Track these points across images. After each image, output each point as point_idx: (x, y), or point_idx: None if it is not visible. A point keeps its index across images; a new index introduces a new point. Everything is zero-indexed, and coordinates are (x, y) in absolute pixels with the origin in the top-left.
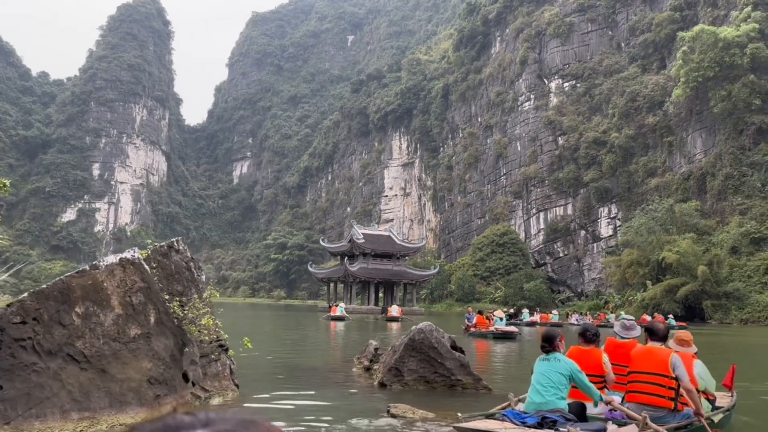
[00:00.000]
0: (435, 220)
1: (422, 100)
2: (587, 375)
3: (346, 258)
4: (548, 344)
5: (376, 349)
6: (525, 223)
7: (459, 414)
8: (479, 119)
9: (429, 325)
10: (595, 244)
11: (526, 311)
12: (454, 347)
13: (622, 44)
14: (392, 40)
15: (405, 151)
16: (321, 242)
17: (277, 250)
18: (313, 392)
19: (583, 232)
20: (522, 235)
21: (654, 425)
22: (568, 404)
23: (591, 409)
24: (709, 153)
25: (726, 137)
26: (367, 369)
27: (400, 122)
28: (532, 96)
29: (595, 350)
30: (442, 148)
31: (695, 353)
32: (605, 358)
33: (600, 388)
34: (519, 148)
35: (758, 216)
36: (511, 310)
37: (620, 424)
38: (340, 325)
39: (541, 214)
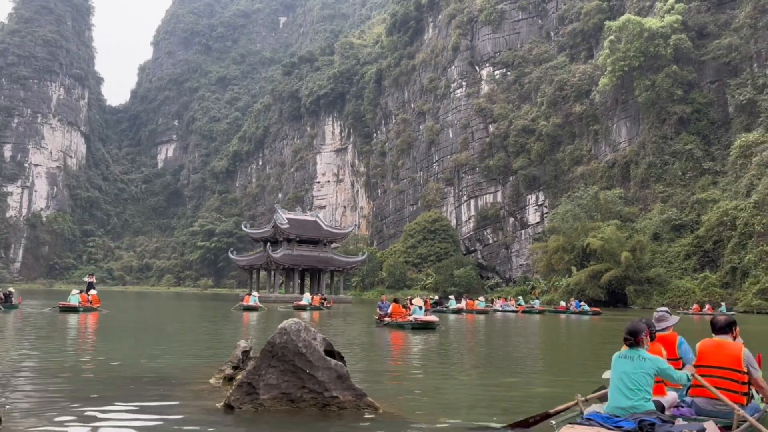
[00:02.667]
0: (368, 206)
1: (355, 85)
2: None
3: (269, 244)
4: (632, 338)
5: (245, 353)
6: (456, 210)
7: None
8: (412, 105)
9: (296, 324)
10: (523, 231)
11: (452, 298)
12: (330, 352)
13: (552, 33)
14: (325, 23)
15: (338, 137)
16: (243, 227)
17: (204, 237)
18: (120, 422)
19: (512, 219)
20: (453, 222)
21: (750, 417)
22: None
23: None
24: (633, 142)
25: (649, 126)
26: (230, 379)
27: (332, 107)
28: (464, 83)
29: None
30: (375, 134)
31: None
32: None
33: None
34: (451, 135)
35: (679, 203)
36: (437, 297)
37: (697, 419)
38: (253, 316)
39: (472, 201)
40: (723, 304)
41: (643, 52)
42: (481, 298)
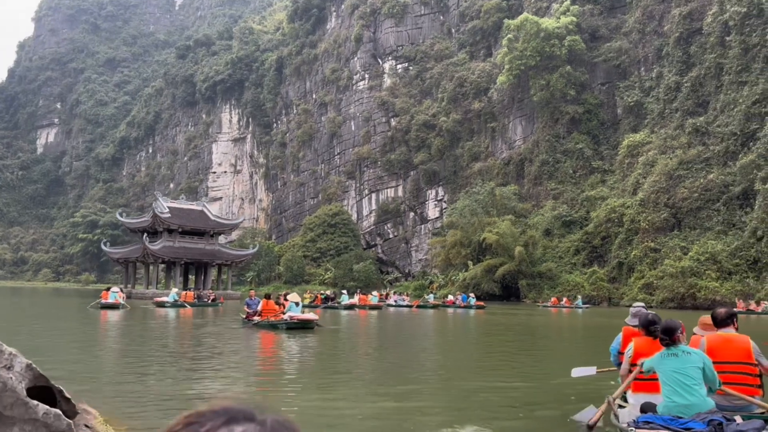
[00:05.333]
0: (267, 199)
1: (255, 72)
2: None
3: (146, 235)
4: (669, 337)
5: None
6: (357, 203)
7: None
8: (314, 96)
9: None
10: (422, 226)
11: (344, 293)
12: (43, 392)
13: (453, 30)
14: (224, 8)
15: (236, 126)
16: (118, 216)
17: (86, 228)
18: None
19: (412, 214)
20: (354, 216)
21: None
22: (647, 404)
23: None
24: (528, 140)
25: (543, 125)
26: None
27: (230, 94)
28: (366, 75)
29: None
30: (275, 124)
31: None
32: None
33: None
34: (353, 128)
35: (569, 200)
36: (328, 292)
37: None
38: (112, 315)
39: (373, 195)
40: (579, 297)
41: (539, 52)
42: (374, 293)
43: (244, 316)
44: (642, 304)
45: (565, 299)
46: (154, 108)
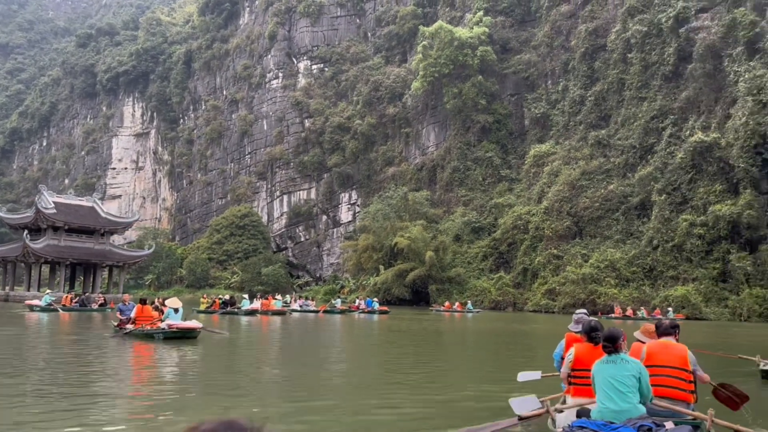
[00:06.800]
0: (171, 198)
1: (161, 65)
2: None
3: (26, 232)
4: (612, 344)
5: None
6: (268, 205)
7: None
8: (224, 92)
9: None
10: (335, 230)
11: (245, 297)
12: None
13: (369, 34)
14: None
15: (139, 120)
16: None
17: None
18: None
19: (324, 217)
20: (265, 218)
21: (723, 422)
22: (583, 409)
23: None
24: (441, 146)
25: (455, 133)
26: None
27: (134, 86)
28: (280, 74)
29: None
30: (182, 120)
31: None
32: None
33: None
34: (265, 127)
35: (478, 207)
36: (227, 296)
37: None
38: None
39: (285, 197)
40: (469, 302)
41: (452, 60)
42: (278, 297)
43: (116, 324)
44: (584, 311)
45: (457, 304)
46: (50, 98)
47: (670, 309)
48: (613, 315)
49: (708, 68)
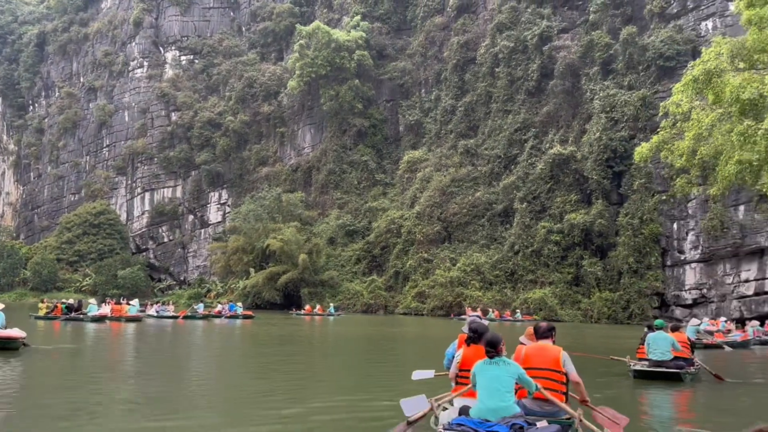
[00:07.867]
0: (16, 192)
1: (10, 46)
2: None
3: None
4: (493, 349)
5: None
6: (128, 203)
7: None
8: (82, 79)
9: None
10: (203, 230)
11: (92, 302)
12: None
13: (243, 28)
14: None
15: None
16: None
17: None
18: None
19: (191, 217)
20: (123, 216)
21: (588, 422)
22: (464, 407)
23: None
24: (317, 148)
25: (332, 135)
26: None
27: None
28: (145, 63)
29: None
30: (32, 107)
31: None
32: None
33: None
34: (127, 119)
35: (353, 210)
36: (70, 301)
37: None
38: None
39: (147, 195)
40: (332, 304)
41: (329, 62)
42: (134, 302)
43: None
44: (478, 314)
45: (318, 307)
46: None
47: (518, 311)
48: (463, 316)
49: (567, 85)
